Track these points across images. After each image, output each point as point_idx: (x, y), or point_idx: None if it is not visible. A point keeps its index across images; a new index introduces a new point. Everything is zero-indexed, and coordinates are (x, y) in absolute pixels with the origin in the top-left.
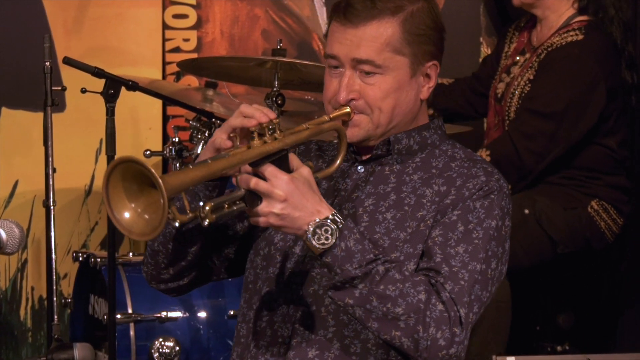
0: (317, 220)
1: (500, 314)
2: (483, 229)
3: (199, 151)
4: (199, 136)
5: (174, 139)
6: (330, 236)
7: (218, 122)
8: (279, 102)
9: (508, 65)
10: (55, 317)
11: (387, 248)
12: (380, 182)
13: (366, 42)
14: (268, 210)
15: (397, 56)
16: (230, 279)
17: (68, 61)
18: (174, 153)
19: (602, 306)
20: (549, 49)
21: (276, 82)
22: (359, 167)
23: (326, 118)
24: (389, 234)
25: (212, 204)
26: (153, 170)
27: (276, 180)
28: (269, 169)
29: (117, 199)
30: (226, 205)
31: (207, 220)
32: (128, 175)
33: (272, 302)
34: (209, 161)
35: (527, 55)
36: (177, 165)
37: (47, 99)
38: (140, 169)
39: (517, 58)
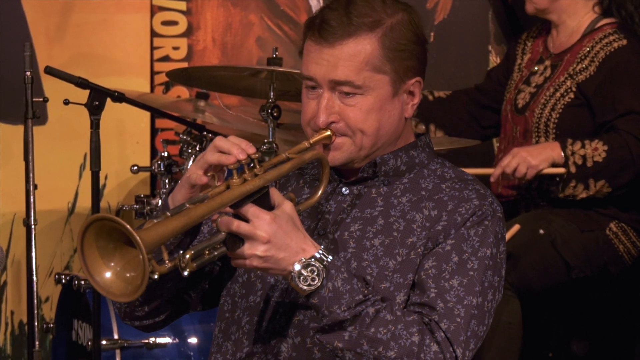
0: (303, 259)
1: (510, 337)
2: (478, 259)
3: (189, 166)
4: (190, 150)
5: (162, 154)
6: (316, 277)
7: (210, 135)
8: (275, 114)
9: (525, 76)
10: (37, 343)
11: (375, 277)
12: (367, 205)
13: (344, 62)
14: (251, 253)
15: (377, 75)
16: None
17: (50, 71)
18: (162, 169)
19: (619, 333)
20: (595, 58)
21: (272, 93)
22: (343, 189)
23: (306, 144)
24: (377, 262)
25: (193, 252)
26: (130, 228)
27: (258, 221)
28: (251, 210)
29: (93, 259)
30: (207, 252)
31: (188, 269)
32: (103, 233)
33: (252, 333)
34: (187, 205)
35: (547, 63)
36: (166, 181)
37: (28, 110)
38: (115, 226)
39: (535, 68)
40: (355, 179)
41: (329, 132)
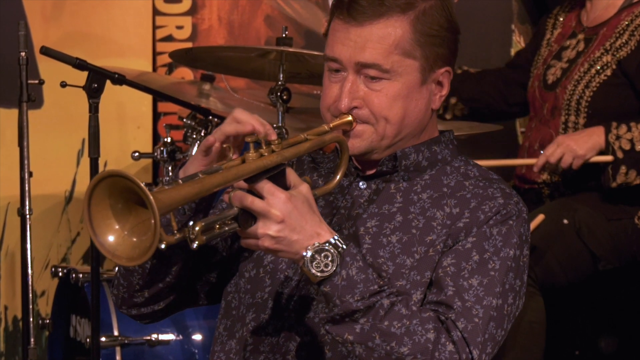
0: (317, 244)
1: (533, 337)
2: (500, 259)
3: (194, 153)
4: (194, 136)
5: (165, 139)
6: (330, 263)
7: (215, 120)
8: (285, 97)
9: (555, 51)
10: (32, 340)
11: (391, 274)
12: (385, 201)
13: (372, 43)
14: (263, 232)
15: (406, 59)
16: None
17: (46, 51)
18: (165, 155)
19: None
20: (635, 32)
21: (281, 75)
22: (360, 183)
23: (326, 127)
24: (393, 259)
25: (203, 224)
26: (144, 186)
27: (273, 199)
28: (267, 186)
29: (99, 218)
30: (217, 226)
31: (197, 242)
32: (115, 191)
33: (259, 330)
34: (200, 175)
35: (580, 37)
36: (170, 168)
37: (23, 93)
38: (128, 185)
39: (567, 42)
40: (374, 172)
41: (350, 118)
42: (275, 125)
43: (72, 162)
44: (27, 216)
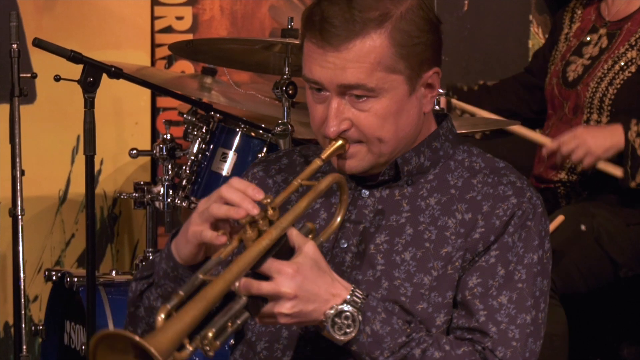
0: (334, 306)
1: (554, 351)
2: (525, 267)
3: (194, 150)
4: (195, 132)
5: (165, 136)
6: (352, 323)
7: (217, 115)
8: (290, 91)
9: (574, 46)
10: (24, 347)
11: (410, 297)
12: (392, 211)
13: (352, 63)
14: (278, 312)
15: (391, 75)
16: None
17: (39, 43)
18: (164, 153)
19: None
20: None
21: (287, 69)
22: (363, 191)
23: (319, 162)
24: (410, 279)
25: (214, 329)
26: (143, 342)
27: (280, 278)
28: (272, 266)
29: None
30: (229, 324)
31: (213, 349)
32: (118, 345)
33: None
34: (201, 276)
35: (602, 32)
36: (169, 166)
37: (15, 87)
38: (129, 341)
39: (588, 38)
40: (375, 182)
41: (341, 142)
42: (280, 122)
43: (66, 160)
44: (19, 217)
